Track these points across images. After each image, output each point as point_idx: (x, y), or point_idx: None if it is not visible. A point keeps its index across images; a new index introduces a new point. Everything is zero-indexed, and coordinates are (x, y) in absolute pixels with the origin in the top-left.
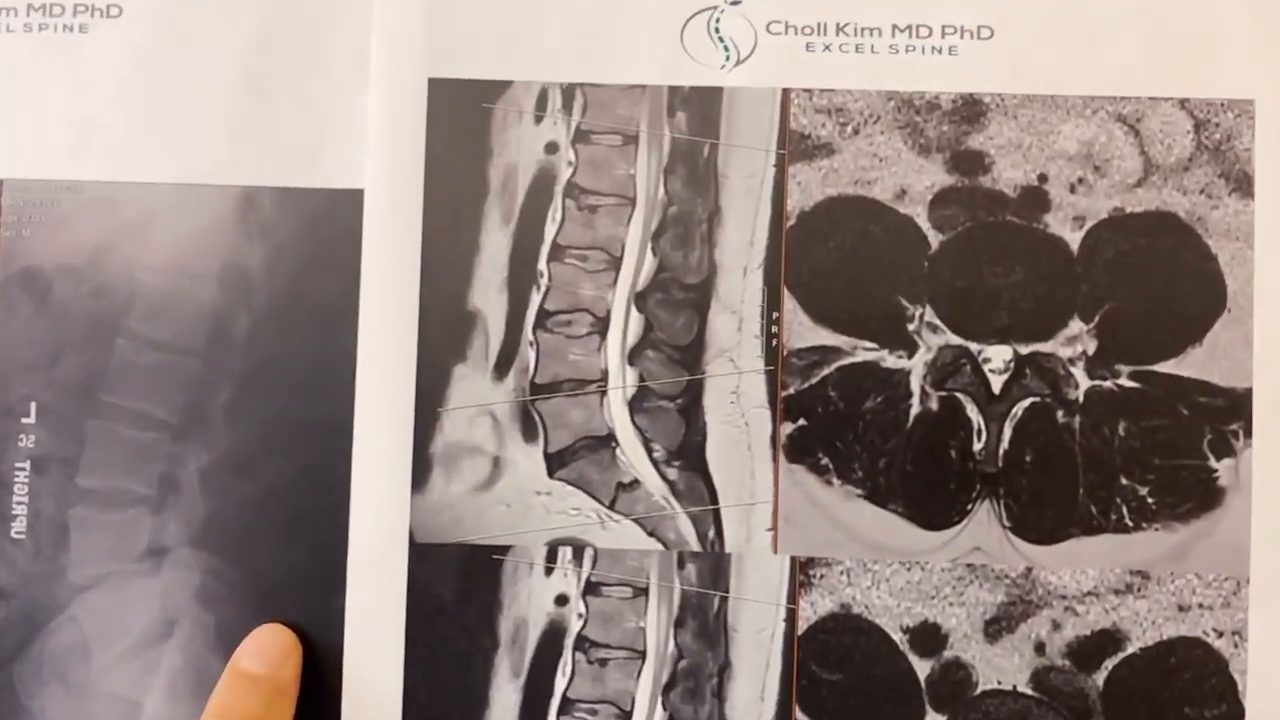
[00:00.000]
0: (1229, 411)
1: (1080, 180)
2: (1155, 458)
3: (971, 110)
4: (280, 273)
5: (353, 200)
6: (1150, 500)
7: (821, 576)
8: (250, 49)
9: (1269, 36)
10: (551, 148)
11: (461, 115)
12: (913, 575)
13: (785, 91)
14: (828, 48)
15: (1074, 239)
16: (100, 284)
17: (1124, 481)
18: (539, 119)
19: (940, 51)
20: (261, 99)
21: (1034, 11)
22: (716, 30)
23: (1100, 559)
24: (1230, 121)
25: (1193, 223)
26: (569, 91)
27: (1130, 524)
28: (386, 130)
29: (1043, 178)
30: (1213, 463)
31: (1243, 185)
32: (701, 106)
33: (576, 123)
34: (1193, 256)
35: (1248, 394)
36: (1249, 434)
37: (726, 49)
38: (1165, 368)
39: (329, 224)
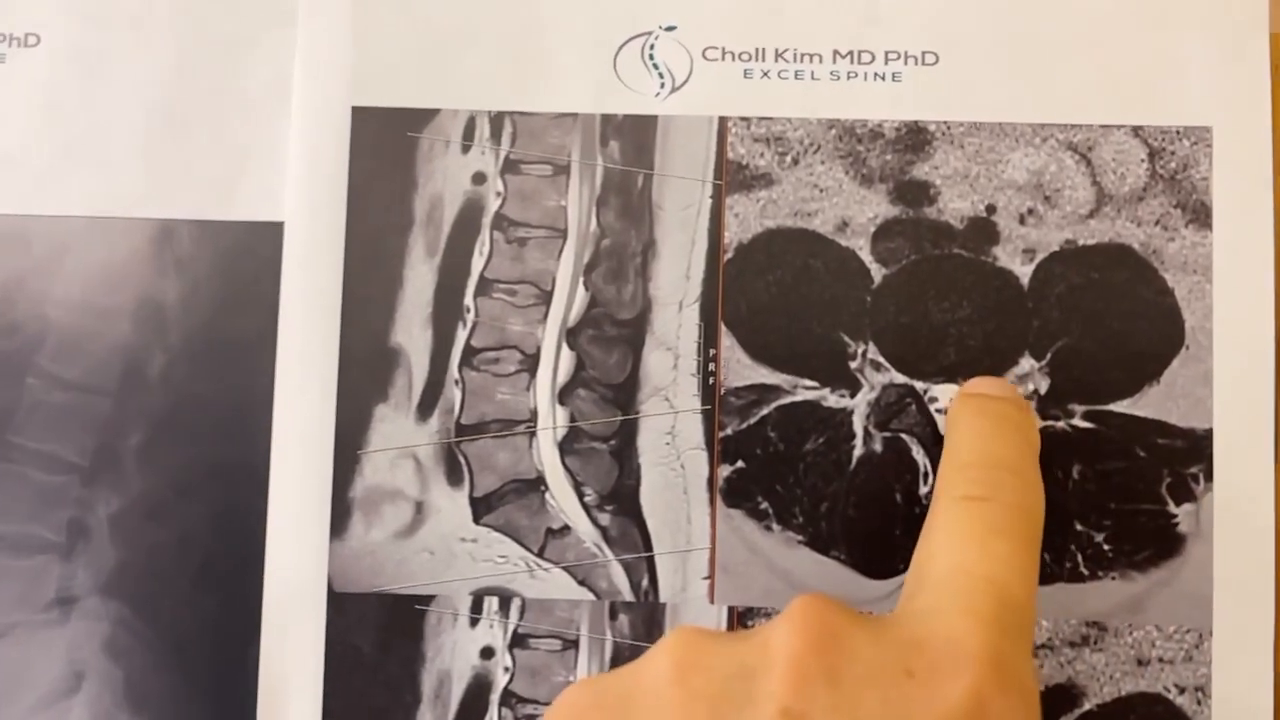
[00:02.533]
0: (1188, 454)
1: (1030, 211)
2: (1111, 502)
3: (916, 139)
4: (196, 309)
5: (272, 233)
6: (1107, 548)
7: None
8: (168, 79)
9: (1226, 61)
10: (479, 178)
11: (386, 144)
12: None
13: (722, 120)
14: (766, 74)
15: (1024, 272)
16: (10, 321)
17: (1079, 528)
18: (466, 148)
19: (883, 78)
20: (179, 129)
21: (981, 36)
22: (651, 56)
23: (1054, 610)
24: (1186, 149)
25: (1148, 255)
26: (497, 120)
27: (1086, 573)
28: (307, 160)
29: (991, 208)
30: (1172, 508)
31: (1200, 216)
32: (635, 135)
33: (505, 152)
34: (1148, 290)
35: (1208, 435)
36: (1209, 477)
37: (661, 76)
38: (1121, 407)
39: (247, 258)
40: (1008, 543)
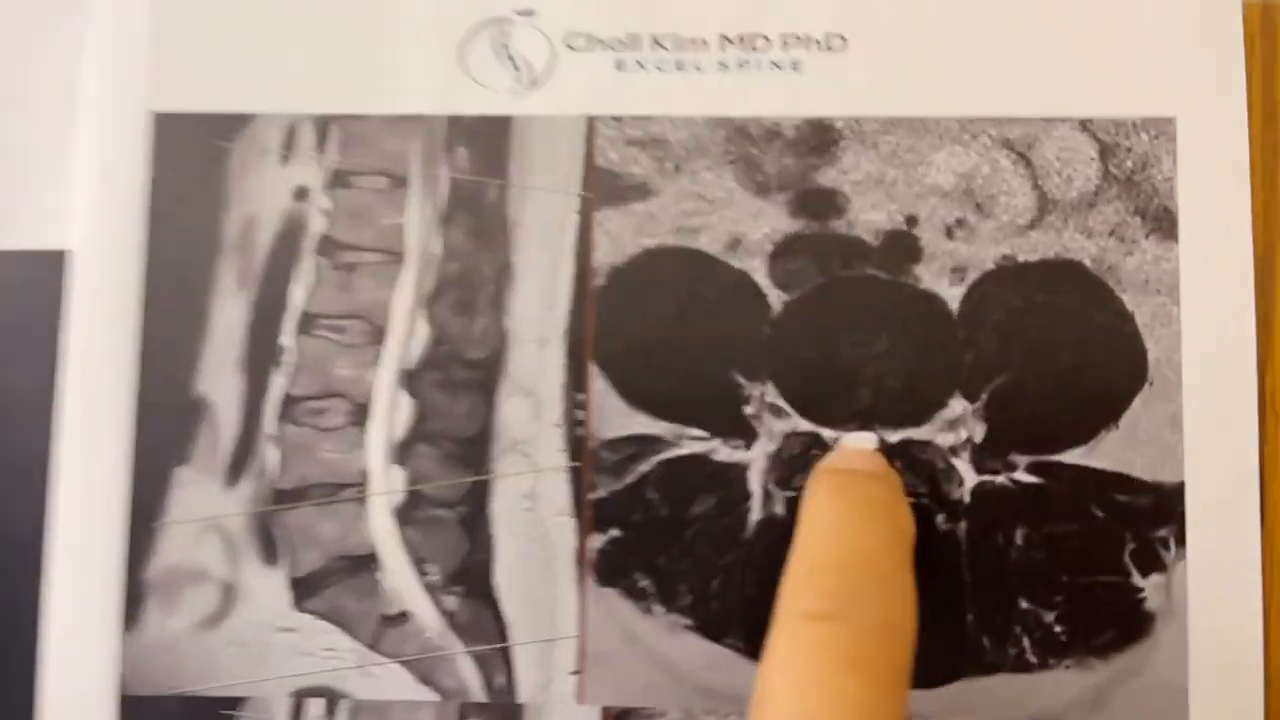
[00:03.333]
0: (1156, 513)
1: (959, 222)
2: (1064, 574)
3: (821, 139)
4: None
5: (55, 264)
6: (1059, 630)
7: None
8: None
9: (1192, 40)
10: (301, 194)
11: (192, 156)
12: None
13: (590, 120)
14: (642, 65)
15: (953, 296)
16: None
17: (1025, 605)
18: (286, 159)
19: (781, 67)
20: None
21: (896, 17)
22: (505, 47)
23: (997, 707)
24: (1145, 146)
25: (1102, 272)
26: (323, 125)
27: (1034, 661)
28: (100, 176)
29: (911, 220)
30: (1138, 580)
31: (1163, 224)
32: (487, 140)
33: (333, 163)
34: (1103, 315)
35: (1178, 490)
36: (1181, 542)
37: (518, 69)
38: (1073, 458)
39: (24, 293)
40: (861, 680)
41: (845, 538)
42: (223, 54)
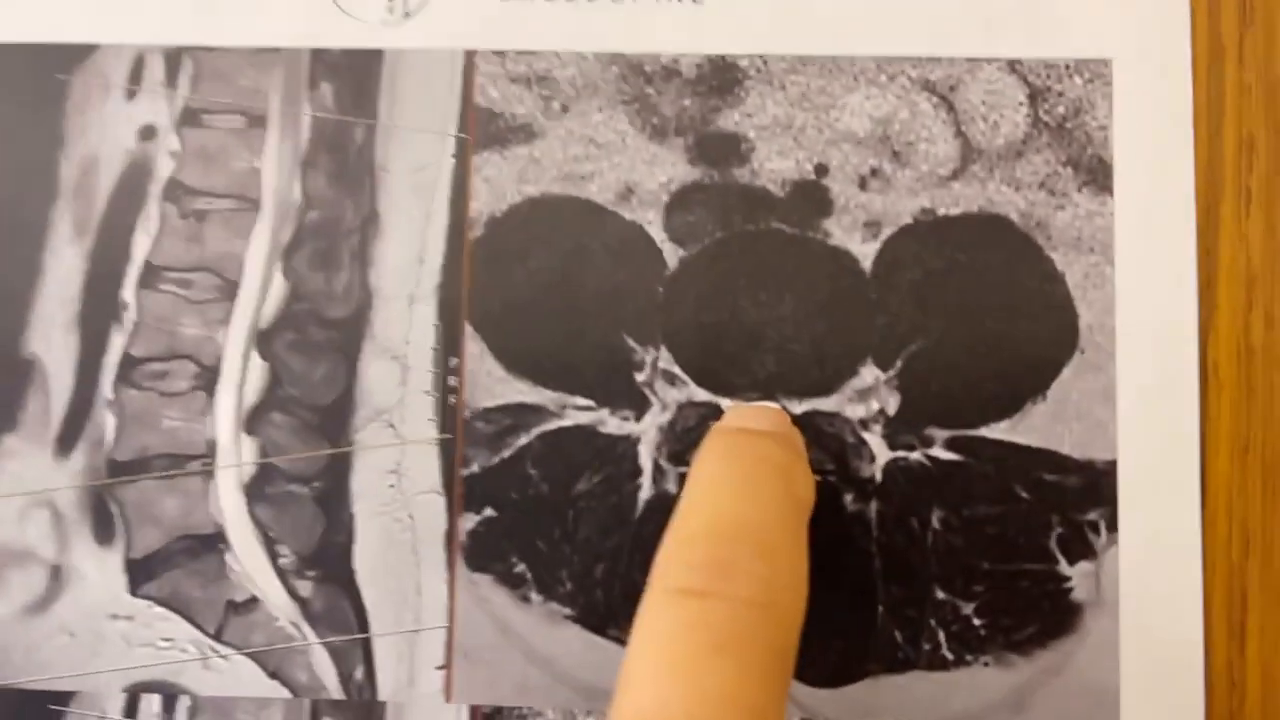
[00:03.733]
0: (1085, 494)
1: (874, 172)
2: (984, 562)
3: (723, 78)
4: None
5: None
6: (978, 623)
7: None
8: None
9: None
10: (148, 133)
11: (25, 91)
12: None
13: (469, 54)
14: None
15: (866, 252)
16: None
17: (941, 596)
18: (132, 94)
19: None
20: None
21: None
22: None
23: (908, 708)
24: (1079, 90)
25: (1030, 229)
26: (174, 57)
27: (951, 657)
28: None
29: (821, 169)
30: (1064, 568)
31: (1097, 177)
32: (354, 75)
33: (184, 99)
34: (1031, 276)
35: (1110, 468)
36: (1113, 527)
37: None
38: (995, 432)
39: None
40: (731, 665)
41: (729, 503)
42: None
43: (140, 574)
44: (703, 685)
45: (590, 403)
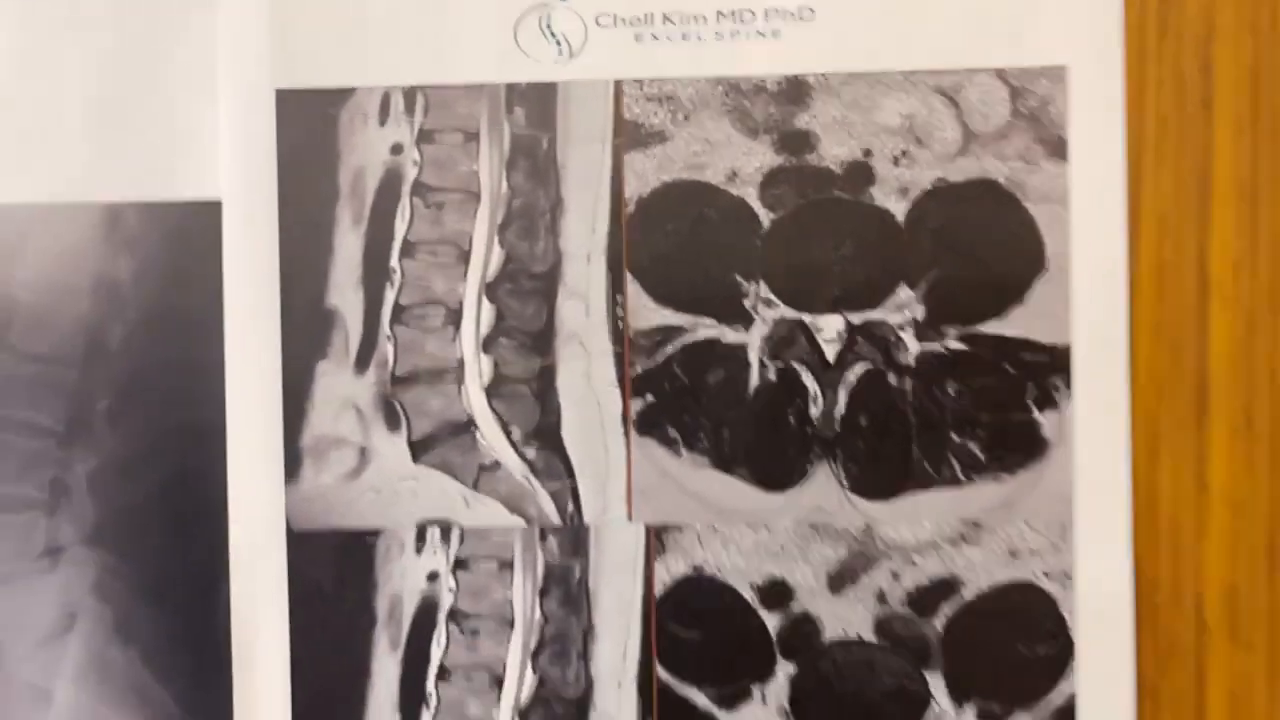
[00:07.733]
0: (1050, 366)
1: (904, 153)
2: (984, 414)
3: (796, 91)
4: (148, 285)
5: (211, 211)
6: (980, 454)
7: (675, 541)
8: (102, 68)
9: (1080, 3)
10: (397, 149)
11: (309, 123)
12: (760, 535)
13: (617, 83)
14: (655, 37)
15: (899, 210)
16: None
17: (955, 438)
18: (383, 122)
19: (764, 35)
20: (116, 116)
21: None
22: (548, 27)
23: (935, 512)
24: (1045, 88)
25: (1012, 188)
26: (410, 94)
27: (963, 478)
28: (238, 142)
29: (867, 152)
30: (1037, 415)
31: (1058, 149)
32: (538, 101)
33: (419, 124)
34: (1012, 221)
35: (1067, 349)
36: (1069, 386)
37: (559, 44)
38: (990, 328)
39: (191, 235)
40: None
41: None
42: (328, 41)
43: (419, 449)
44: None
45: (714, 322)
